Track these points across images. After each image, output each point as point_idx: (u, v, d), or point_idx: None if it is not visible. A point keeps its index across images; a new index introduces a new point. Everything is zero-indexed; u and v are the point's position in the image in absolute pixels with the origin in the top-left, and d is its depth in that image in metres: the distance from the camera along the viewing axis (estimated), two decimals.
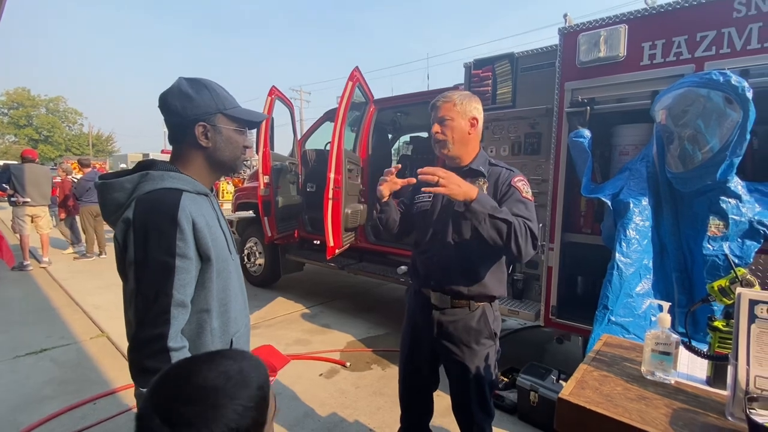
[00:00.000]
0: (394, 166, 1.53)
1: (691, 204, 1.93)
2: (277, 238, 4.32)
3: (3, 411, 2.44)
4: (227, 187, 14.81)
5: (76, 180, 6.82)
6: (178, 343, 0.88)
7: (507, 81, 2.83)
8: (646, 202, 2.01)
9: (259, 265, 5.01)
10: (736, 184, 1.80)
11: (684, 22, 2.03)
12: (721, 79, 1.70)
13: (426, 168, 1.29)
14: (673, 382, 0.99)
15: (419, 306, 1.60)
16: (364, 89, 3.73)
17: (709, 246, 1.85)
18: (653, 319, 1.84)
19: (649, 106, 2.08)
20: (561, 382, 2.35)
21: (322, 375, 2.94)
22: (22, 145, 33.94)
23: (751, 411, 0.76)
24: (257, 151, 4.03)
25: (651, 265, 1.99)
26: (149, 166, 0.98)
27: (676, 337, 0.99)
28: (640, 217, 1.99)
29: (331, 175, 3.21)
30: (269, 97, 4.04)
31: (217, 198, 1.17)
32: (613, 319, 1.92)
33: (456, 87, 3.10)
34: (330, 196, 3.20)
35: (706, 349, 1.04)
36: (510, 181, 1.45)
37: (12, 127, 39.13)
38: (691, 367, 1.08)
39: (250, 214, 5.20)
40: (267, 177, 4.06)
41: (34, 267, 5.90)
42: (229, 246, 1.07)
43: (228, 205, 7.87)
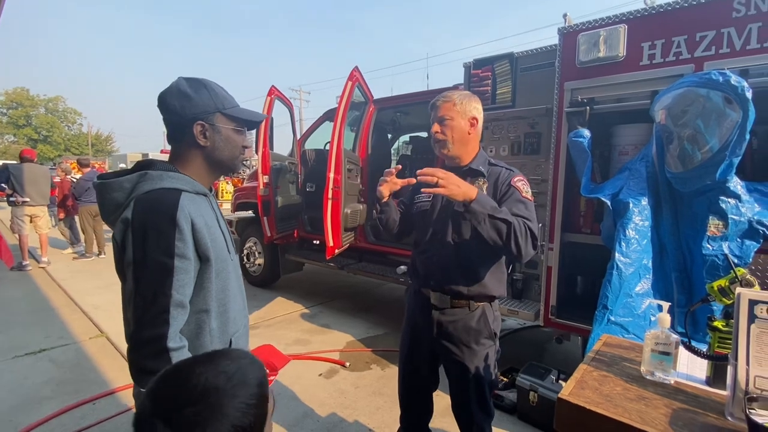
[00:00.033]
0: (394, 166, 1.53)
1: (691, 204, 1.93)
2: (277, 238, 4.32)
3: (2, 411, 2.43)
4: (226, 187, 14.81)
5: (75, 180, 6.82)
6: (177, 343, 0.88)
7: (506, 81, 2.83)
8: (645, 202, 2.01)
9: (259, 265, 5.01)
10: (736, 183, 1.80)
11: (683, 22, 2.03)
12: (720, 79, 1.70)
13: (425, 169, 1.29)
14: (672, 382, 0.99)
15: (419, 306, 1.60)
16: (364, 89, 3.73)
17: (708, 246, 1.85)
18: (653, 319, 1.85)
19: (648, 106, 2.08)
20: (560, 382, 2.35)
21: (321, 375, 2.94)
22: (21, 145, 33.87)
23: (750, 411, 0.75)
24: (257, 151, 4.03)
25: (650, 265, 1.99)
26: (148, 165, 0.97)
27: (675, 337, 0.99)
28: (640, 217, 1.99)
29: (331, 174, 3.21)
30: (269, 97, 4.04)
31: (217, 198, 1.16)
32: (612, 319, 1.92)
33: (456, 87, 3.10)
34: (329, 195, 3.20)
35: (705, 349, 1.04)
36: (510, 181, 1.45)
37: (11, 127, 39.10)
38: (690, 367, 1.08)
39: (250, 214, 5.20)
40: (266, 177, 4.05)
41: (33, 267, 5.89)
42: (228, 246, 1.07)
43: (227, 205, 7.87)
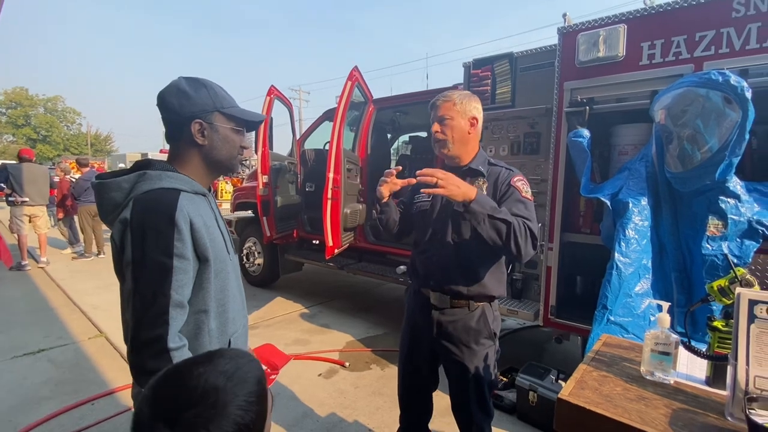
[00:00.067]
0: (394, 167, 1.53)
1: (690, 204, 1.93)
2: (276, 238, 4.32)
3: (1, 411, 2.43)
4: (226, 187, 14.82)
5: (74, 180, 6.81)
6: (177, 342, 0.87)
7: (506, 81, 2.83)
8: (645, 201, 2.01)
9: (258, 265, 5.01)
10: (735, 183, 1.80)
11: (683, 22, 2.03)
12: (720, 78, 1.70)
13: (425, 169, 1.29)
14: (672, 383, 0.99)
15: (419, 306, 1.60)
16: (363, 89, 3.72)
17: (708, 246, 1.85)
18: (652, 318, 1.85)
19: (648, 106, 2.08)
20: (560, 381, 2.35)
21: (321, 375, 2.94)
22: (21, 145, 33.86)
23: (750, 411, 0.75)
24: (256, 151, 4.03)
25: (650, 264, 1.99)
26: (147, 165, 0.97)
27: (675, 337, 0.99)
28: (639, 217, 1.99)
29: (330, 174, 3.20)
30: (268, 97, 4.04)
31: (216, 198, 1.16)
32: (612, 318, 1.92)
33: (455, 87, 3.10)
34: (329, 195, 3.20)
35: (705, 349, 1.04)
36: (509, 181, 1.45)
37: (10, 127, 39.08)
38: (690, 367, 1.08)
39: (249, 213, 5.20)
40: (266, 177, 4.05)
41: (32, 267, 5.88)
42: (227, 246, 1.07)
43: (227, 205, 7.87)
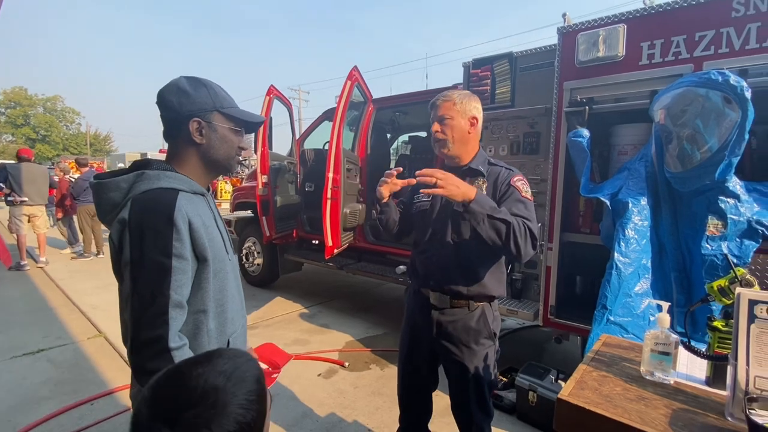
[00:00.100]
0: (395, 168, 1.53)
1: (690, 204, 1.93)
2: (276, 238, 4.32)
3: (0, 411, 2.42)
4: (225, 187, 14.81)
5: (73, 179, 6.80)
6: (177, 342, 0.87)
7: (506, 80, 2.83)
8: (644, 201, 2.01)
9: (258, 264, 5.00)
10: (735, 183, 1.80)
11: (682, 22, 2.03)
12: (719, 78, 1.70)
13: (424, 170, 1.29)
14: (672, 383, 0.99)
15: (418, 306, 1.60)
16: (363, 89, 3.72)
17: (707, 246, 1.85)
18: (652, 318, 1.85)
19: (647, 106, 2.08)
20: (560, 381, 2.35)
21: (320, 375, 2.94)
22: (20, 145, 33.84)
23: (750, 411, 0.75)
24: (255, 151, 4.03)
25: (650, 264, 1.99)
26: (145, 165, 0.97)
27: (675, 337, 0.99)
28: (639, 217, 1.99)
29: (330, 174, 3.20)
30: (268, 97, 4.04)
31: (215, 198, 1.16)
32: (611, 318, 1.91)
33: (455, 86, 3.10)
34: (329, 195, 3.20)
35: (705, 349, 1.04)
36: (509, 181, 1.45)
37: (9, 127, 39.05)
38: (690, 368, 1.08)
39: (249, 213, 5.19)
40: (265, 176, 4.05)
41: (31, 267, 5.87)
42: (227, 246, 1.06)
43: (226, 205, 7.86)
